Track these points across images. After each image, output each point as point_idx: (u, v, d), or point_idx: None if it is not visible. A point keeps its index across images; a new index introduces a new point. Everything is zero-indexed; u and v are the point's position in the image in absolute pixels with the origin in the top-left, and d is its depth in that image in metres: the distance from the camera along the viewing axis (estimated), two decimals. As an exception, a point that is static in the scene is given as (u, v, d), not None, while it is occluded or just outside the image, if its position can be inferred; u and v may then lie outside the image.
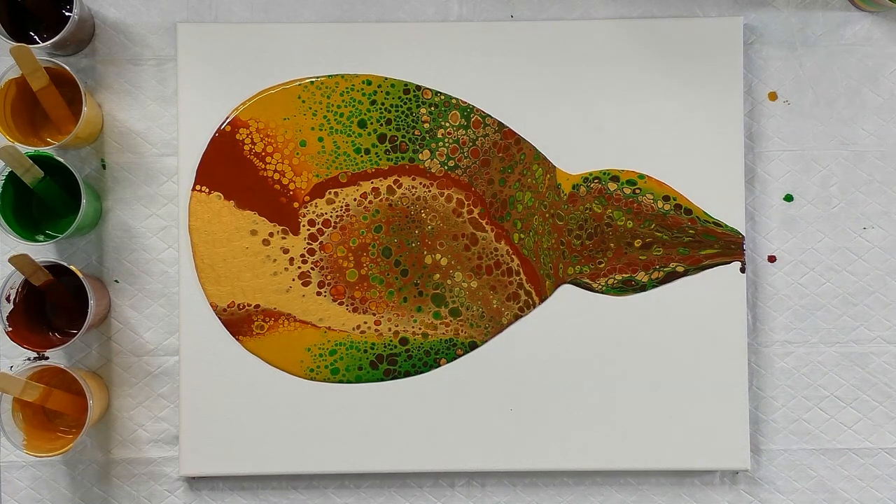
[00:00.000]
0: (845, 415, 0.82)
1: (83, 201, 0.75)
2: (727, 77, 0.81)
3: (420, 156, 0.81)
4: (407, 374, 0.80)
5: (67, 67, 0.75)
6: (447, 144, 0.81)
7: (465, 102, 0.81)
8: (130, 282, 0.82)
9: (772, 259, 0.82)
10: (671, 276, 0.81)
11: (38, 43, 0.77)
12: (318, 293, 0.80)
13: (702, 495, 0.82)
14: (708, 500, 0.82)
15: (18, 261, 0.73)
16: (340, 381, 0.80)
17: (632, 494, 0.82)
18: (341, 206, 0.80)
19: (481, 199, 0.81)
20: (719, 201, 0.81)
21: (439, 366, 0.80)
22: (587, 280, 0.80)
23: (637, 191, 0.81)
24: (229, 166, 0.80)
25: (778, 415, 0.82)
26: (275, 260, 0.80)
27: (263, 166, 0.80)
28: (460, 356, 0.80)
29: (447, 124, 0.81)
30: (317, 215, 0.80)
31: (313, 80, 0.81)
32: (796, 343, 0.82)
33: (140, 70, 0.82)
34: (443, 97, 0.81)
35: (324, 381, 0.80)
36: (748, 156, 0.82)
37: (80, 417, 0.76)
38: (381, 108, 0.81)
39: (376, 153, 0.80)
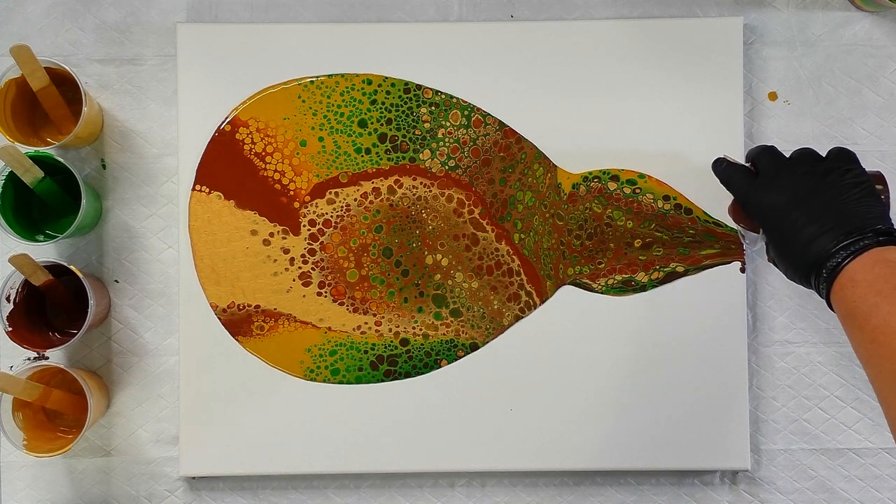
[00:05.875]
0: (845, 415, 0.82)
1: (83, 201, 0.75)
2: (727, 77, 0.81)
3: (421, 155, 0.81)
4: (407, 375, 0.80)
5: (67, 67, 0.75)
6: (448, 144, 0.81)
7: (466, 102, 0.81)
8: (130, 282, 0.82)
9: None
10: (671, 276, 0.81)
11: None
12: (319, 293, 0.80)
13: (702, 495, 0.82)
14: (708, 500, 0.82)
15: (18, 261, 0.73)
16: (340, 382, 0.80)
17: (632, 494, 0.82)
18: (342, 207, 0.80)
19: (482, 199, 0.80)
20: (719, 201, 0.80)
21: (440, 367, 0.80)
22: (587, 280, 0.80)
23: (637, 190, 0.81)
24: (229, 166, 0.80)
25: (778, 415, 0.82)
26: (275, 260, 0.80)
27: (263, 166, 0.80)
28: (461, 357, 0.80)
29: (448, 124, 0.81)
30: (317, 215, 0.80)
31: (313, 79, 0.81)
32: (796, 343, 0.82)
33: (140, 70, 0.82)
34: (443, 96, 0.81)
35: (324, 381, 0.80)
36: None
37: (80, 417, 0.76)
38: (381, 108, 0.81)
39: (377, 153, 0.80)
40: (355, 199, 0.80)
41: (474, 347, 0.80)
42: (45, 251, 0.81)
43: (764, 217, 0.66)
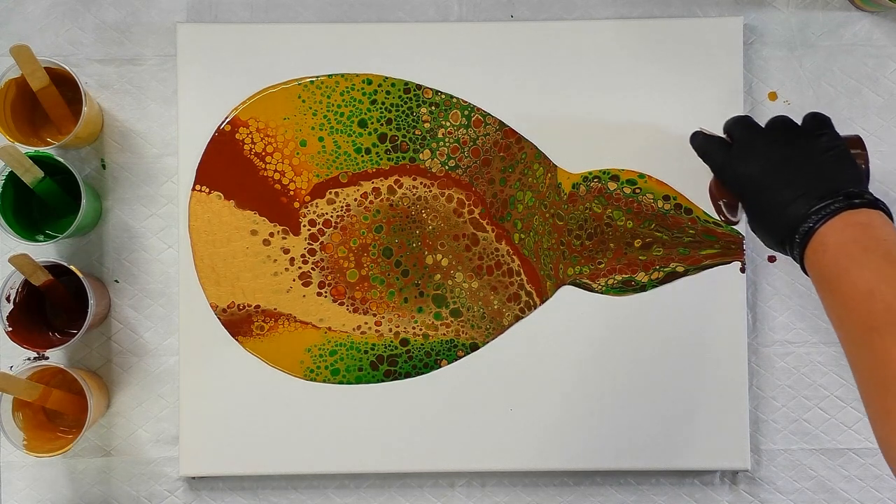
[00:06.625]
0: (845, 415, 0.82)
1: (83, 201, 0.75)
2: (727, 77, 0.81)
3: (421, 155, 0.81)
4: (407, 375, 0.80)
5: (67, 67, 0.75)
6: (448, 144, 0.81)
7: (466, 102, 0.81)
8: (130, 282, 0.82)
9: (772, 259, 0.82)
10: (671, 276, 0.81)
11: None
12: (319, 294, 0.80)
13: (702, 495, 0.82)
14: (708, 500, 0.82)
15: (18, 261, 0.73)
16: (340, 382, 0.80)
17: (632, 494, 0.82)
18: (342, 207, 0.80)
19: (482, 199, 0.80)
20: (719, 201, 0.81)
21: (440, 367, 0.80)
22: (587, 280, 0.80)
23: (637, 190, 0.81)
24: (229, 166, 0.80)
25: (778, 415, 0.82)
26: (275, 260, 0.80)
27: (263, 166, 0.80)
28: (461, 357, 0.80)
29: (448, 124, 0.81)
30: (317, 215, 0.80)
31: (313, 79, 0.81)
32: (796, 343, 0.82)
33: (140, 70, 0.82)
34: (443, 96, 0.81)
35: (324, 381, 0.80)
36: (748, 156, 0.82)
37: (80, 417, 0.76)
38: (381, 108, 0.81)
39: (377, 153, 0.80)
40: (355, 199, 0.80)
41: (474, 347, 0.80)
42: (45, 251, 0.81)
43: (741, 187, 0.66)
